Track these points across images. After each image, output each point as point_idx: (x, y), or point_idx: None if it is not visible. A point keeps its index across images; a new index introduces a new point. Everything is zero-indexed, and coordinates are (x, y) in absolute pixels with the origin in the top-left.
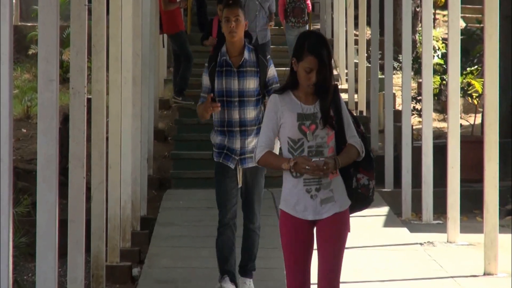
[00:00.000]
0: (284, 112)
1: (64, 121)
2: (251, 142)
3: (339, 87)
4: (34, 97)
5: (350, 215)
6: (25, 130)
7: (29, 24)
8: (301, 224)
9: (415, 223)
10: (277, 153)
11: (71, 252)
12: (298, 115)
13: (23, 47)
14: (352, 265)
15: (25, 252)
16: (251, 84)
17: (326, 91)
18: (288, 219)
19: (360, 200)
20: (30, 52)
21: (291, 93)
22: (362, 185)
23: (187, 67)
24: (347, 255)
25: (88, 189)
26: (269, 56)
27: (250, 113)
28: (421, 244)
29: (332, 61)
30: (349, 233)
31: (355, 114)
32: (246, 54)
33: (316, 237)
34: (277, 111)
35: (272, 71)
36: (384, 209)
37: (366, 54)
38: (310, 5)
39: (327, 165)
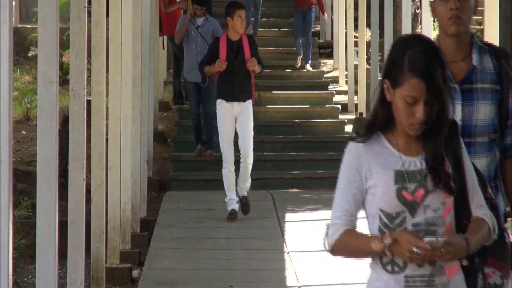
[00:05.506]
0: (373, 170)
1: (64, 122)
2: None
3: (338, 88)
4: (34, 99)
5: None
6: (25, 132)
7: (29, 26)
8: None
9: None
10: None
11: (71, 253)
12: (396, 174)
13: (23, 49)
14: (350, 267)
15: (25, 254)
16: (486, 112)
17: (438, 132)
18: None
19: None
20: (30, 54)
21: (383, 137)
22: (493, 286)
23: None
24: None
25: (88, 190)
26: None
27: (480, 165)
28: None
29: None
30: None
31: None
32: (474, 58)
33: None
34: (360, 168)
35: None
36: None
37: (366, 56)
38: None
39: (447, 249)
